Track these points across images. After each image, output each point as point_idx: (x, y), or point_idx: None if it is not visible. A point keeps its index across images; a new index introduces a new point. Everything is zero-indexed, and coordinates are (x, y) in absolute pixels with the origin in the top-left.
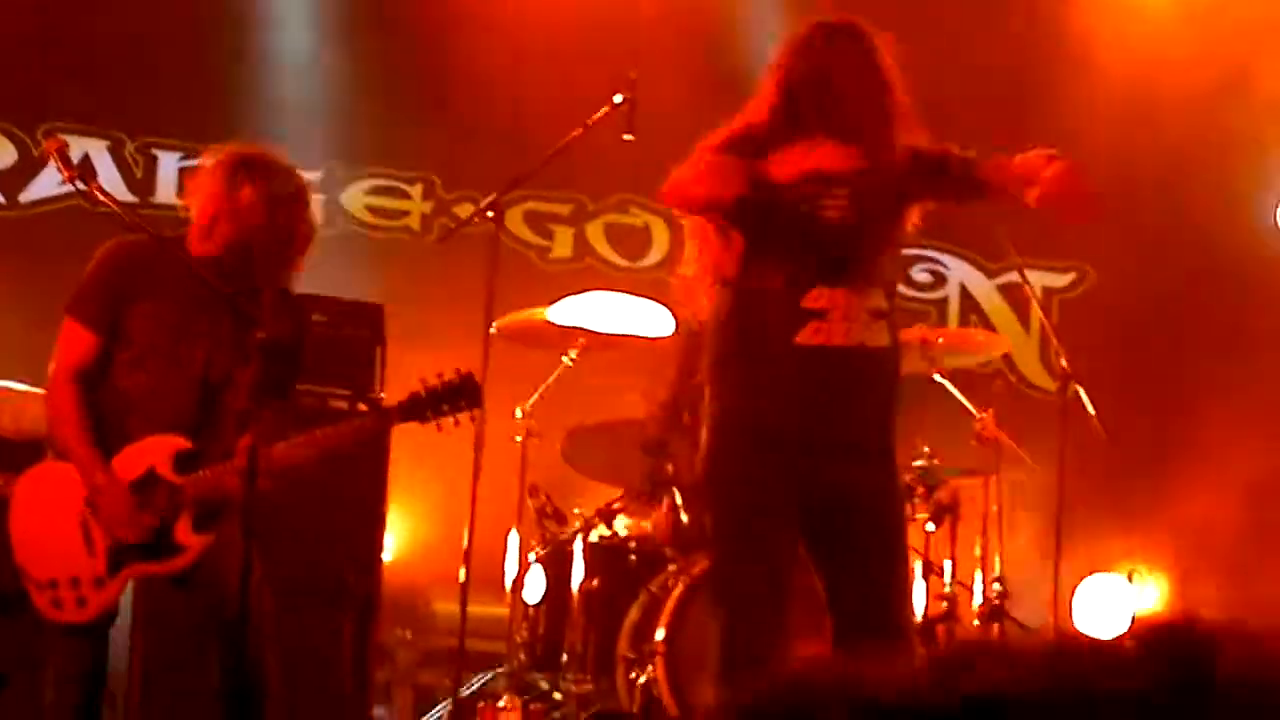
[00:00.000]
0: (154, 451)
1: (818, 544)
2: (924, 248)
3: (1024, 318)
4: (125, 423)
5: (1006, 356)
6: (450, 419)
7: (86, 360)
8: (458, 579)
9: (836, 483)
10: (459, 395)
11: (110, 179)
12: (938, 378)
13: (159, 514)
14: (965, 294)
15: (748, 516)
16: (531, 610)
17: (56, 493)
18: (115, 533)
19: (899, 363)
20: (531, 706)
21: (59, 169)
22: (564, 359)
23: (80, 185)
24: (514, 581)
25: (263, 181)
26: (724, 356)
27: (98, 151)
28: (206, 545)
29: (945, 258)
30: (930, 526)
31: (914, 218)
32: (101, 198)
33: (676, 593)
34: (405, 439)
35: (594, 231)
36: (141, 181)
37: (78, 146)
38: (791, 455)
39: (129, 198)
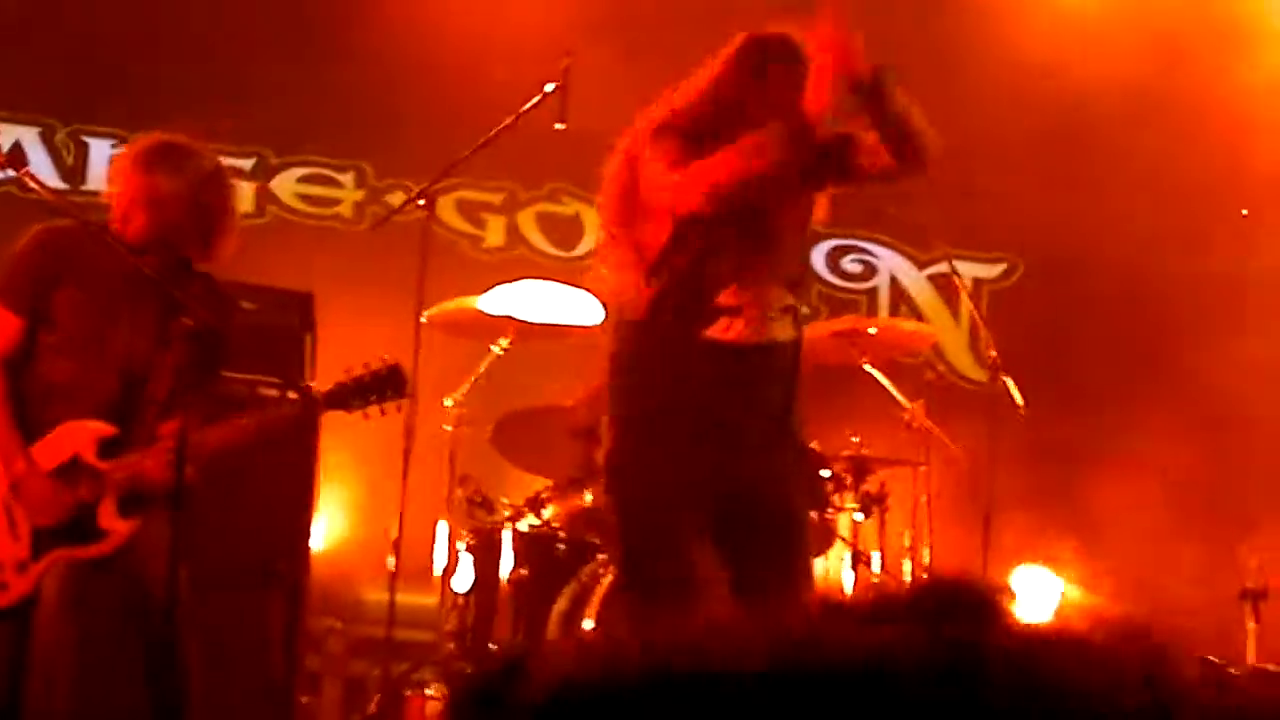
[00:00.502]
0: (77, 437)
1: (723, 535)
2: (855, 238)
3: (954, 308)
4: (48, 409)
5: (936, 346)
6: (377, 408)
7: (10, 346)
8: (387, 568)
9: (740, 475)
10: (385, 385)
11: (41, 166)
12: (868, 368)
13: (81, 499)
14: (895, 284)
15: (656, 509)
16: (460, 599)
17: None
18: (36, 518)
19: (800, 354)
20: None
21: None
22: (494, 348)
23: (10, 172)
24: (443, 571)
25: (177, 169)
26: (634, 351)
27: (29, 138)
28: (131, 530)
29: (876, 248)
30: (859, 516)
31: (820, 211)
32: (32, 184)
33: (605, 581)
34: (335, 427)
35: (526, 220)
36: (72, 168)
37: (8, 133)
38: (697, 448)
39: (60, 185)
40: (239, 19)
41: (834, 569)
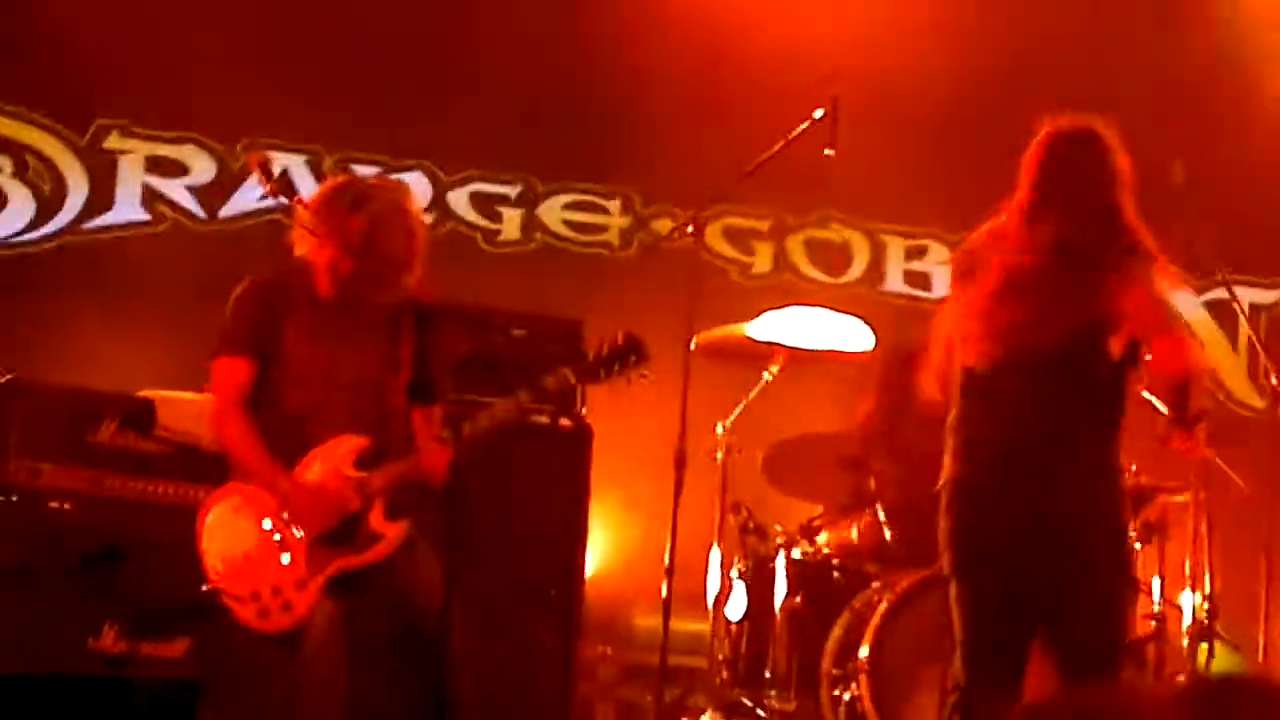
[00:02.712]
0: (333, 454)
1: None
2: None
3: (1231, 334)
4: (294, 437)
5: (1213, 373)
6: (624, 378)
7: (244, 389)
8: (659, 594)
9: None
10: (626, 353)
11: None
12: (1145, 394)
13: (349, 509)
14: None
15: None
16: (733, 627)
17: (245, 509)
18: (312, 526)
19: None
20: None
21: (261, 183)
22: (764, 374)
23: (280, 199)
24: (716, 598)
25: (356, 208)
26: None
27: (297, 166)
28: (403, 533)
29: None
30: (1137, 545)
31: None
32: (301, 210)
33: (881, 609)
34: (606, 452)
35: (794, 246)
36: None
37: (277, 161)
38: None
39: None
40: (502, 48)
41: None
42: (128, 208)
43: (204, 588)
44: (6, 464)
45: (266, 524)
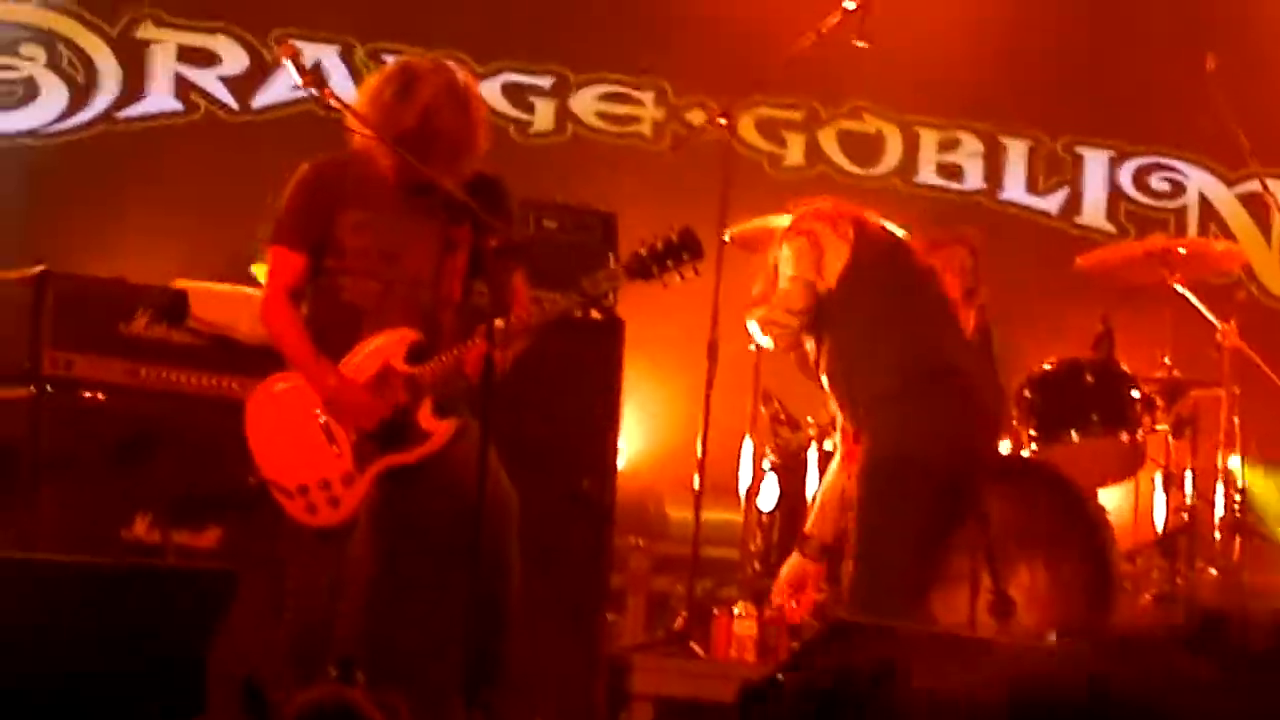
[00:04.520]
0: (385, 348)
1: None
2: (1162, 155)
3: (1265, 228)
4: (349, 328)
5: (1247, 267)
6: (675, 275)
7: (294, 281)
8: (691, 486)
9: None
10: (681, 249)
11: (342, 84)
12: (1178, 287)
13: (399, 402)
14: (1204, 203)
15: None
16: (765, 517)
17: (293, 401)
18: (357, 424)
19: None
20: (767, 614)
21: (293, 75)
22: None
23: (314, 92)
24: (748, 489)
25: (413, 97)
26: None
27: (329, 57)
28: (452, 429)
29: (1184, 166)
30: (1171, 438)
31: None
32: (334, 103)
33: None
34: (638, 344)
35: (827, 138)
36: None
37: (309, 52)
38: None
39: None
40: None
41: (1145, 491)
42: (160, 98)
43: (252, 480)
44: (40, 355)
45: (316, 417)
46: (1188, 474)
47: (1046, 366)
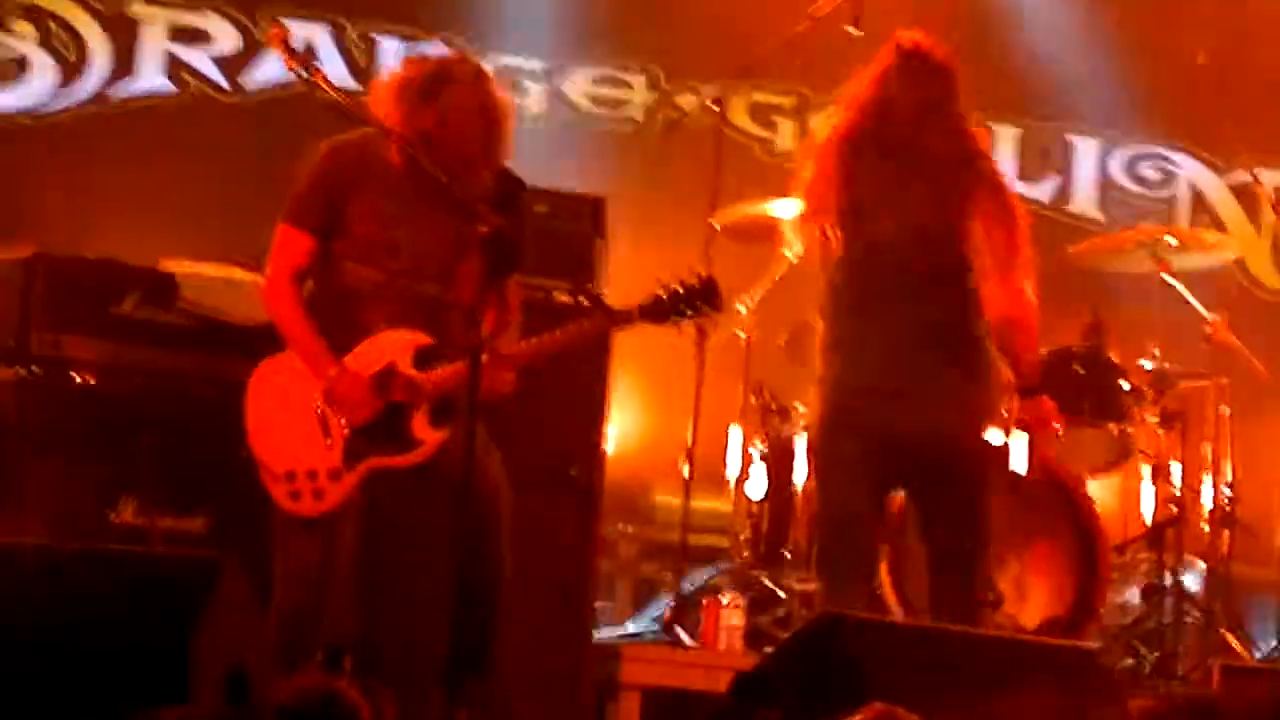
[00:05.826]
0: (394, 345)
1: None
2: (1153, 144)
3: (1256, 219)
4: (350, 314)
5: (1238, 258)
6: (689, 322)
7: (303, 262)
8: (680, 473)
9: None
10: (700, 298)
11: (332, 65)
12: (1167, 278)
13: (394, 400)
14: (1195, 192)
15: None
16: (754, 506)
17: (292, 385)
18: (350, 415)
19: None
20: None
21: (282, 58)
22: (788, 253)
23: (303, 74)
24: (737, 477)
25: (436, 100)
26: None
27: (320, 37)
28: (441, 441)
29: (1175, 155)
30: (1160, 430)
31: None
32: (323, 86)
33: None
34: (627, 333)
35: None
36: (364, 68)
37: (299, 32)
38: None
39: (351, 84)
40: None
41: (1133, 483)
42: (151, 77)
43: (242, 452)
44: (29, 336)
45: (314, 407)
46: (1176, 466)
47: None
